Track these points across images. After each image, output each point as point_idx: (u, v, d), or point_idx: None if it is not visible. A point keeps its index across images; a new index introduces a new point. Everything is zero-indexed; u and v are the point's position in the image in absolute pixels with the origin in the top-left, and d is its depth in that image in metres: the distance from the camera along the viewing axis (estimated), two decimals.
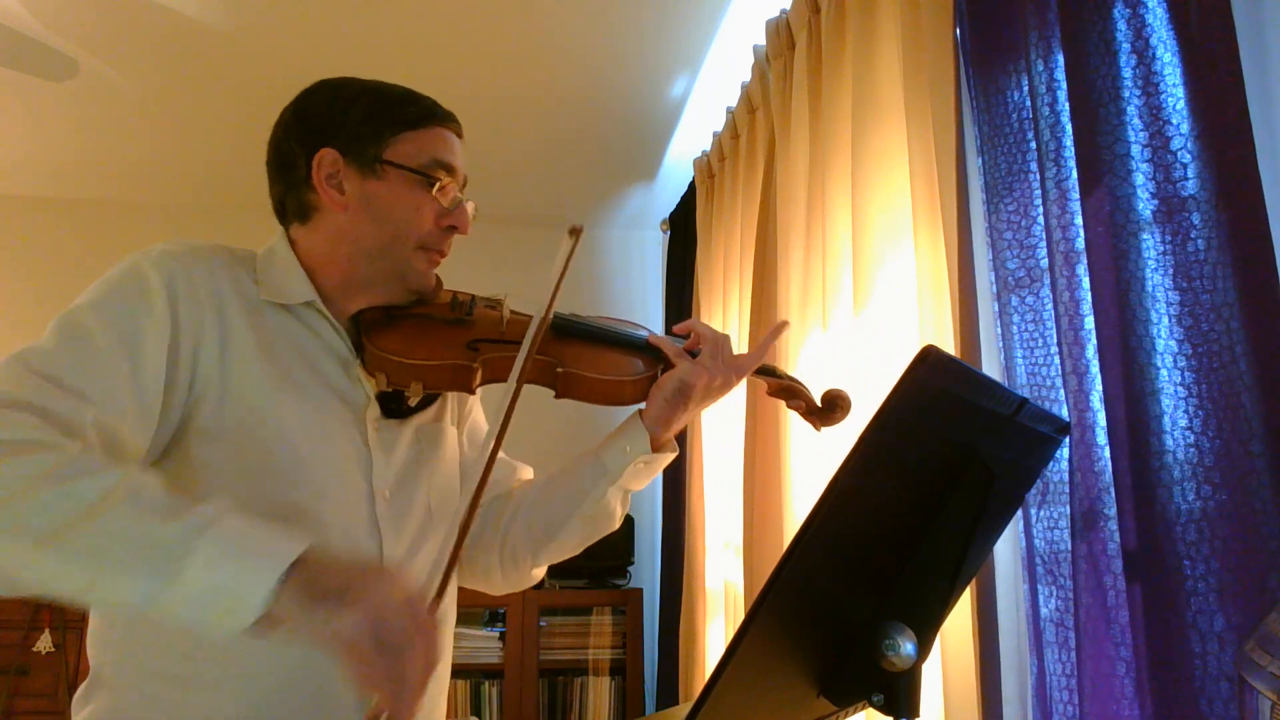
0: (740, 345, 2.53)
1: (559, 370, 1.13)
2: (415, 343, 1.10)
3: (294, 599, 0.77)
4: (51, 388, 0.87)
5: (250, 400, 1.01)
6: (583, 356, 1.15)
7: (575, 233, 1.10)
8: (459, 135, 1.16)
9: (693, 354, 1.15)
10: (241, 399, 1.00)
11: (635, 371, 1.16)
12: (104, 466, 0.83)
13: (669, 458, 1.18)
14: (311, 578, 0.78)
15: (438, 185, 1.09)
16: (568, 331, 1.17)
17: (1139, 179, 1.08)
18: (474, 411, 1.32)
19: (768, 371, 1.23)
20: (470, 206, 1.15)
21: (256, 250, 1.14)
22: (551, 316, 1.11)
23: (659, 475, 1.29)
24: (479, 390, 1.13)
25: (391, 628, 0.75)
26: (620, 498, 1.19)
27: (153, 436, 0.96)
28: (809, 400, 1.22)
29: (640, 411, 1.16)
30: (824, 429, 1.23)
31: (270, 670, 0.98)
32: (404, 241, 1.09)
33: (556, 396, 1.15)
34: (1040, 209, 1.27)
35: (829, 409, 1.21)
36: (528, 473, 1.32)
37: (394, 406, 1.14)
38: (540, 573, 1.26)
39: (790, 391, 1.23)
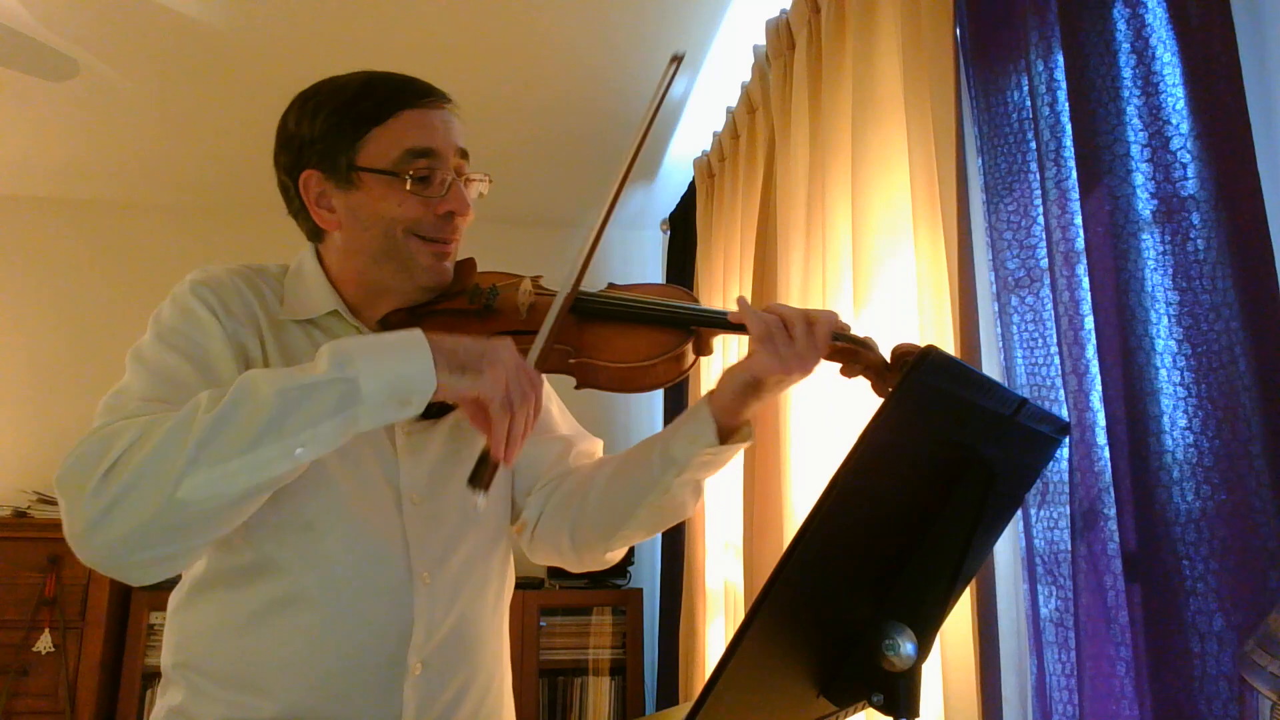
0: (741, 352, 2.53)
1: (572, 360, 1.06)
2: None
3: (447, 373, 0.91)
4: (145, 404, 0.93)
5: None
6: (602, 341, 1.07)
7: (676, 60, 1.05)
8: (441, 107, 1.10)
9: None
10: None
11: (658, 352, 1.06)
12: (200, 394, 0.89)
13: (740, 447, 1.09)
14: (450, 354, 0.92)
15: (409, 180, 1.04)
16: (589, 313, 1.09)
17: (1139, 179, 1.08)
18: None
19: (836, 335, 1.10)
20: (476, 178, 1.10)
21: (286, 264, 1.14)
22: (574, 297, 1.04)
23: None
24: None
25: (515, 387, 0.92)
26: (691, 488, 1.12)
27: None
28: (874, 362, 1.07)
29: (710, 394, 1.08)
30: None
31: (310, 673, 1.00)
32: (395, 233, 1.06)
33: (577, 387, 1.09)
34: (1040, 209, 1.27)
35: (899, 366, 1.05)
36: (596, 446, 1.28)
37: (434, 407, 1.10)
38: (615, 555, 1.21)
39: (852, 354, 1.07)
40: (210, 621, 1.03)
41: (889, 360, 1.06)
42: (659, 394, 3.84)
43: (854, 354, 1.07)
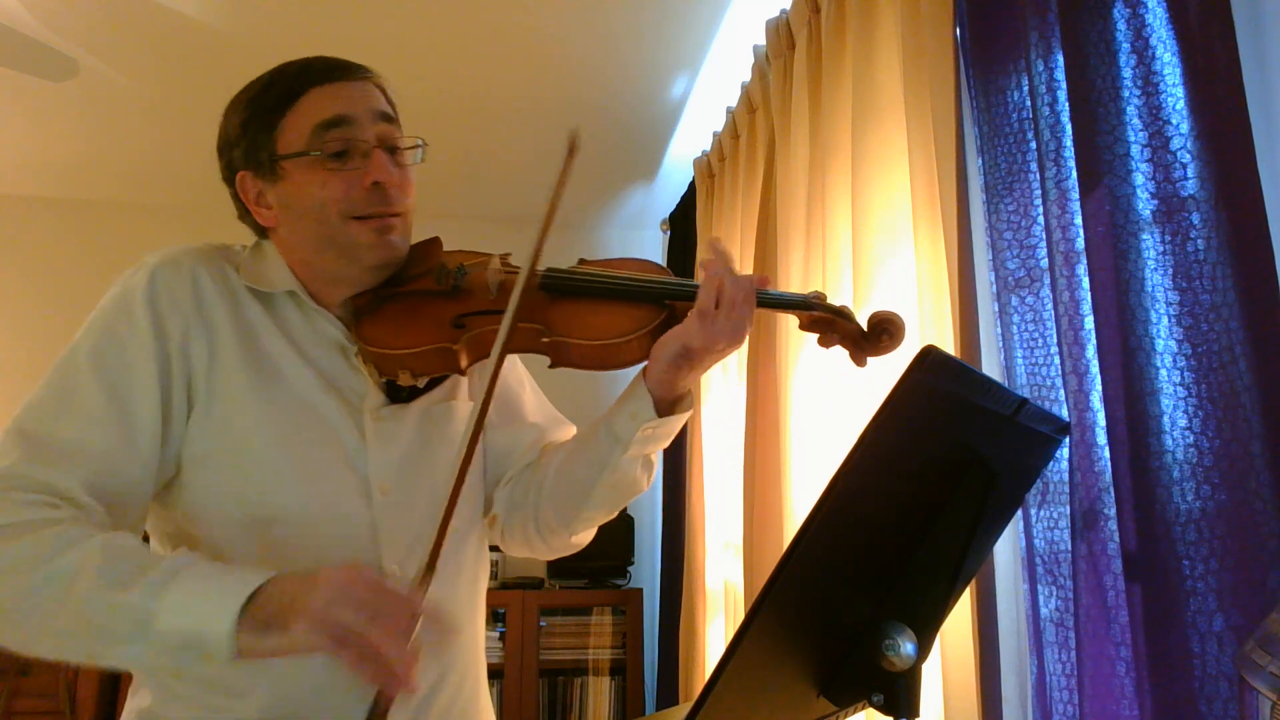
0: (741, 352, 2.53)
1: (545, 339, 1.02)
2: (399, 328, 1.03)
3: (252, 633, 0.81)
4: (42, 452, 0.91)
5: (230, 413, 0.99)
6: (574, 318, 1.02)
7: (573, 147, 0.98)
8: (351, 78, 1.06)
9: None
10: (222, 413, 0.99)
11: (634, 328, 1.02)
12: (78, 539, 0.86)
13: (682, 419, 1.07)
14: (261, 612, 0.82)
15: (320, 152, 1.01)
16: (560, 289, 1.05)
17: (1139, 179, 1.08)
18: (506, 376, 1.23)
19: (795, 304, 1.07)
20: (406, 144, 1.06)
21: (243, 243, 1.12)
22: (538, 275, 1.00)
23: (659, 473, 1.24)
24: (473, 367, 1.07)
25: (339, 617, 0.79)
26: (641, 463, 1.10)
27: (156, 471, 0.97)
28: (849, 331, 1.05)
29: (644, 370, 1.04)
30: (871, 360, 1.07)
31: (294, 676, 0.98)
32: (329, 221, 1.02)
33: (551, 366, 1.06)
34: (1040, 209, 1.27)
35: (877, 335, 1.05)
36: (571, 433, 1.24)
37: (404, 392, 1.08)
38: (582, 539, 1.18)
39: (827, 324, 1.06)
40: None
41: (866, 329, 1.05)
42: None
43: (829, 323, 1.06)
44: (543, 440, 1.21)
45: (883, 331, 1.04)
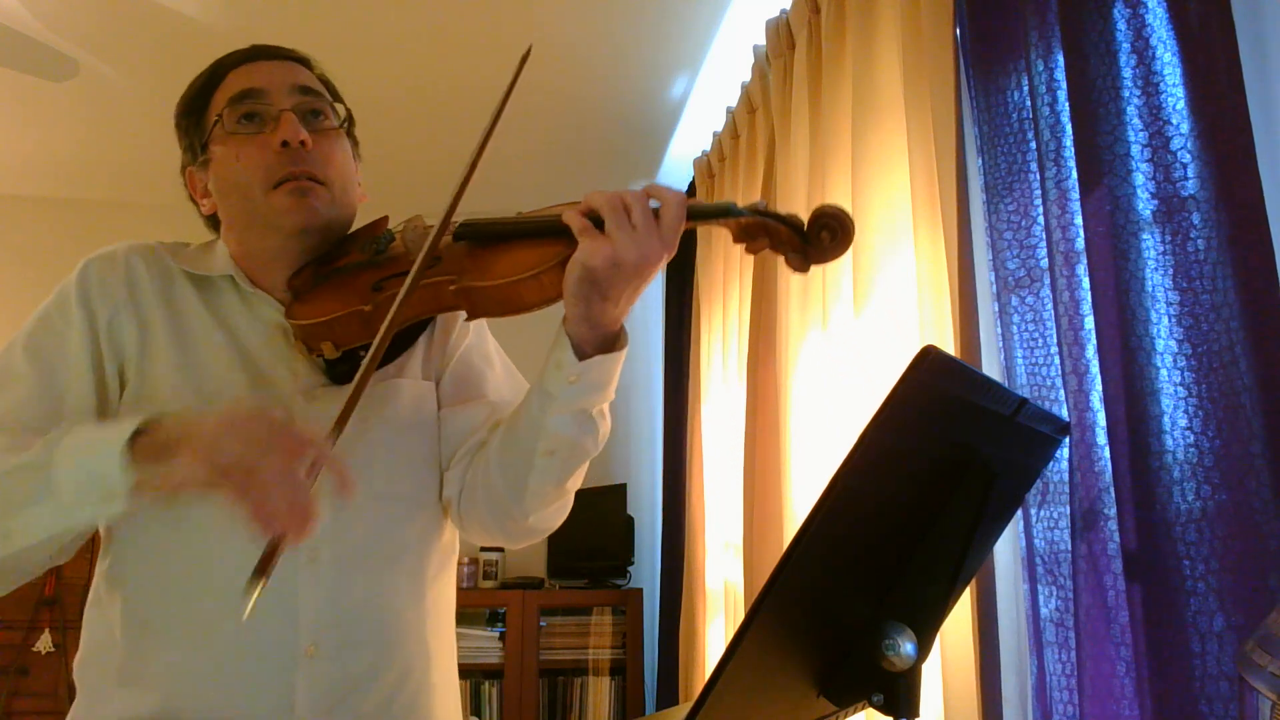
0: (741, 352, 2.53)
1: (452, 288, 0.96)
2: (324, 300, 1.01)
3: (145, 465, 0.81)
4: None
5: (154, 396, 1.00)
6: (483, 263, 0.96)
7: (524, 59, 0.97)
8: (262, 59, 1.08)
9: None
10: (149, 396, 1.01)
11: (539, 262, 0.93)
12: None
13: (611, 360, 0.97)
14: (150, 442, 0.82)
15: (223, 117, 1.03)
16: (469, 237, 1.00)
17: (1139, 179, 1.08)
18: (470, 352, 1.18)
19: (720, 213, 0.94)
20: (321, 108, 1.06)
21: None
22: (452, 225, 0.97)
23: (659, 473, 1.21)
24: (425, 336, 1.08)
25: (227, 448, 0.77)
26: (580, 422, 0.99)
27: None
28: (787, 235, 0.91)
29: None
30: (819, 264, 0.93)
31: (193, 663, 0.97)
32: (252, 193, 1.03)
33: (469, 318, 1.01)
34: (1040, 209, 1.27)
35: (821, 234, 0.90)
36: None
37: (344, 370, 1.03)
38: (541, 521, 1.09)
39: (762, 229, 0.92)
40: (104, 622, 1.01)
41: (804, 228, 0.90)
42: (658, 384, 3.84)
43: (761, 228, 0.92)
44: (496, 416, 1.13)
45: (823, 228, 0.89)
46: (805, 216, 0.90)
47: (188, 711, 0.96)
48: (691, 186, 3.40)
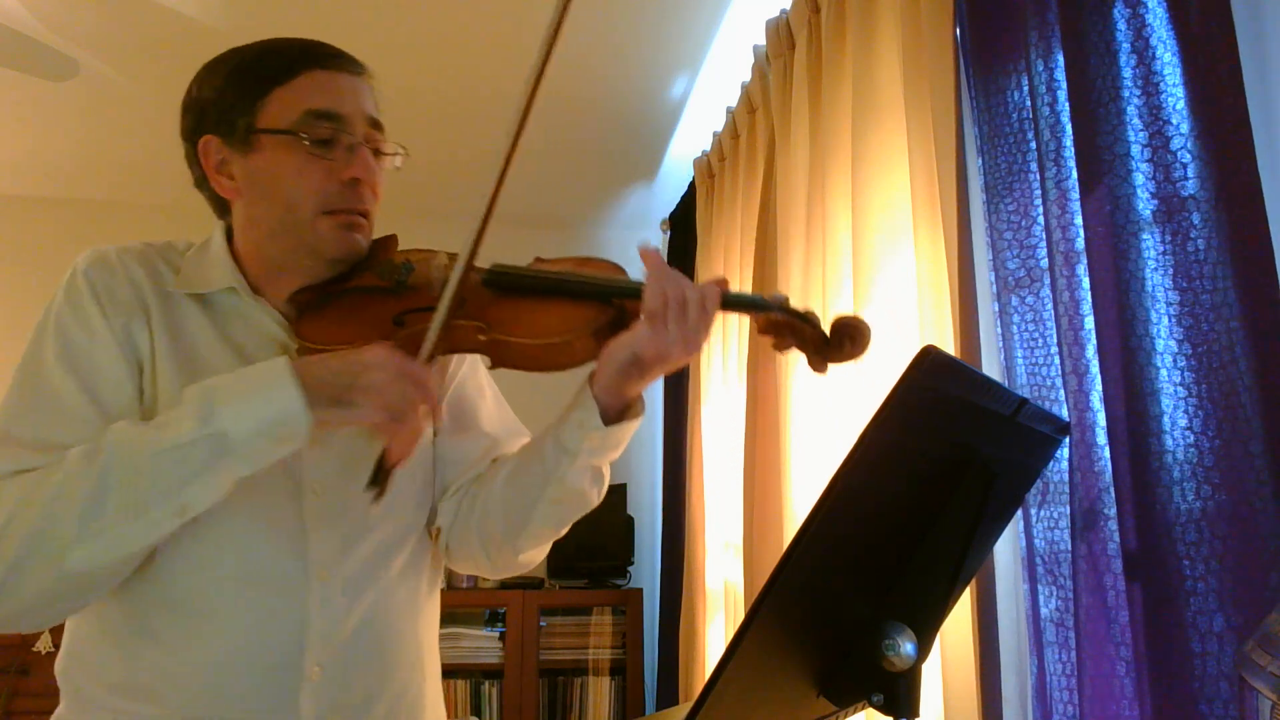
0: (741, 352, 2.53)
1: (482, 337, 0.97)
2: (340, 326, 0.99)
3: (322, 408, 0.89)
4: (18, 450, 0.92)
5: (162, 405, 0.97)
6: (516, 316, 0.97)
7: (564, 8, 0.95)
8: (352, 73, 1.04)
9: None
10: (156, 404, 0.98)
11: (577, 327, 0.96)
12: (98, 441, 0.89)
13: (632, 426, 1.01)
14: (319, 386, 0.89)
15: (308, 139, 0.98)
16: (503, 286, 1.01)
17: (1139, 179, 1.08)
18: (464, 382, 1.19)
19: (752, 305, 1.01)
20: (388, 149, 1.04)
21: (193, 240, 1.09)
22: (481, 270, 0.98)
23: (659, 473, 1.23)
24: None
25: (398, 398, 0.89)
26: (590, 476, 1.04)
27: None
28: (811, 336, 0.98)
29: (590, 376, 0.99)
30: (834, 366, 1.00)
31: (199, 677, 0.96)
32: (300, 212, 1.00)
33: (492, 367, 1.01)
34: (1040, 209, 1.27)
35: (840, 341, 0.97)
36: (521, 442, 1.17)
37: None
38: (530, 558, 1.13)
39: (789, 328, 0.99)
40: (97, 627, 0.99)
41: (828, 334, 0.98)
42: (658, 385, 3.84)
43: (788, 327, 0.99)
44: (495, 451, 1.16)
45: (845, 337, 0.97)
46: (822, 310, 0.98)
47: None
48: (691, 186, 3.40)
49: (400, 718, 1.06)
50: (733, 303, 0.98)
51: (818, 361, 1.00)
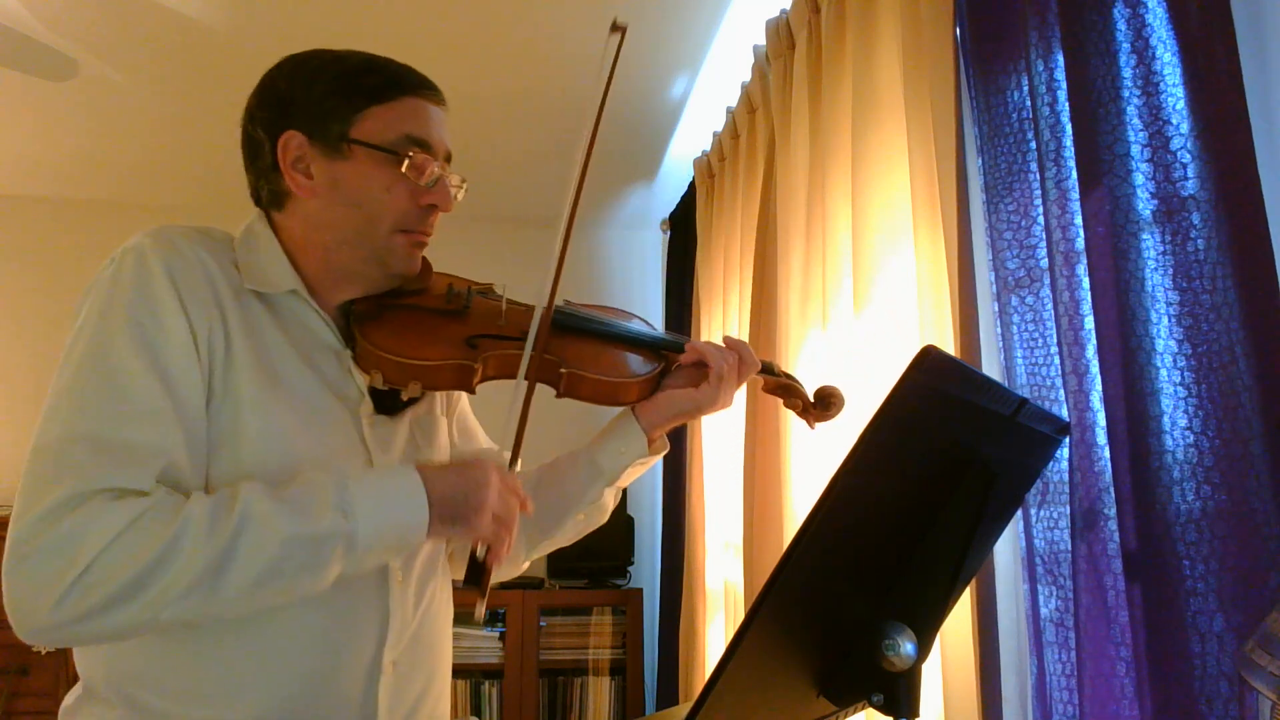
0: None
1: (562, 370, 1.09)
2: (412, 339, 1.05)
3: (440, 524, 0.95)
4: (105, 459, 0.87)
5: (243, 403, 0.96)
6: (586, 354, 1.12)
7: (619, 29, 1.11)
8: (439, 104, 1.09)
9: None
10: (235, 403, 0.96)
11: (638, 372, 1.15)
12: (229, 496, 0.89)
13: (661, 455, 1.21)
14: (444, 503, 0.95)
15: (407, 162, 1.02)
16: (569, 328, 1.15)
17: (1139, 179, 1.08)
18: (461, 400, 1.31)
19: (766, 370, 1.25)
20: (455, 181, 1.09)
21: (232, 233, 1.08)
22: (553, 310, 1.09)
23: (659, 473, 1.37)
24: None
25: (501, 511, 0.97)
26: (614, 494, 1.22)
27: (205, 454, 0.95)
28: (804, 397, 1.26)
29: (636, 409, 1.16)
30: (818, 425, 1.28)
31: (284, 678, 0.96)
32: (378, 225, 1.03)
33: (558, 396, 1.13)
34: (1040, 209, 1.27)
35: (822, 405, 1.25)
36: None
37: (388, 402, 1.09)
38: (534, 559, 1.30)
39: (786, 389, 1.27)
40: (151, 637, 0.94)
41: (813, 398, 1.26)
42: None
43: (788, 389, 1.26)
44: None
45: (822, 402, 1.25)
46: (810, 385, 1.28)
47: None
48: (691, 186, 3.40)
49: (439, 711, 1.13)
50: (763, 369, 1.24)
51: (809, 419, 1.27)
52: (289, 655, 0.96)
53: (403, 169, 1.03)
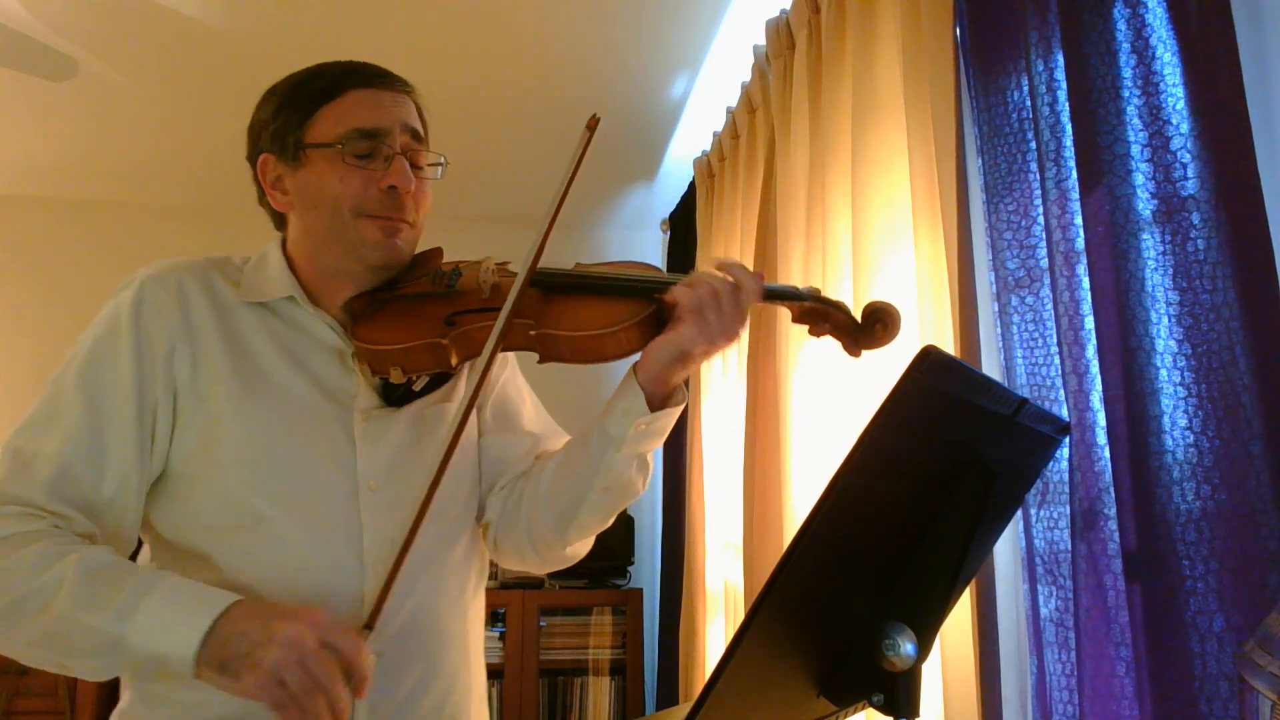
0: (741, 351, 2.53)
1: (532, 333, 1.03)
2: (396, 326, 1.06)
3: (209, 667, 0.88)
4: (23, 468, 0.97)
5: (215, 422, 1.02)
6: (564, 312, 1.05)
7: (591, 126, 1.04)
8: (391, 89, 1.10)
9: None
10: (207, 424, 1.02)
11: (621, 320, 1.03)
12: (56, 556, 0.92)
13: (676, 412, 1.08)
14: (221, 646, 0.87)
15: (341, 147, 1.04)
16: (551, 287, 1.08)
17: (1139, 179, 1.08)
18: (503, 386, 1.25)
19: (788, 295, 1.08)
20: (430, 159, 1.10)
21: (250, 254, 1.15)
22: (533, 272, 1.04)
23: (659, 473, 1.27)
24: (464, 368, 1.12)
25: (285, 681, 0.84)
26: (636, 464, 1.10)
27: (136, 485, 1.01)
28: (841, 321, 1.06)
29: (635, 367, 1.06)
30: (865, 353, 1.07)
31: None
32: (341, 215, 1.06)
33: (540, 362, 1.07)
34: (1040, 209, 1.27)
35: (870, 325, 1.05)
36: (563, 442, 1.22)
37: (399, 394, 1.10)
38: (576, 551, 1.19)
39: (814, 314, 1.07)
40: None
41: (860, 320, 1.05)
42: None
43: (823, 314, 1.07)
44: (538, 449, 1.22)
45: (876, 321, 1.04)
46: (853, 301, 1.07)
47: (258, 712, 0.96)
48: (691, 186, 3.40)
49: (450, 711, 1.10)
50: (772, 294, 1.07)
51: (852, 347, 1.07)
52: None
53: (344, 160, 1.05)
